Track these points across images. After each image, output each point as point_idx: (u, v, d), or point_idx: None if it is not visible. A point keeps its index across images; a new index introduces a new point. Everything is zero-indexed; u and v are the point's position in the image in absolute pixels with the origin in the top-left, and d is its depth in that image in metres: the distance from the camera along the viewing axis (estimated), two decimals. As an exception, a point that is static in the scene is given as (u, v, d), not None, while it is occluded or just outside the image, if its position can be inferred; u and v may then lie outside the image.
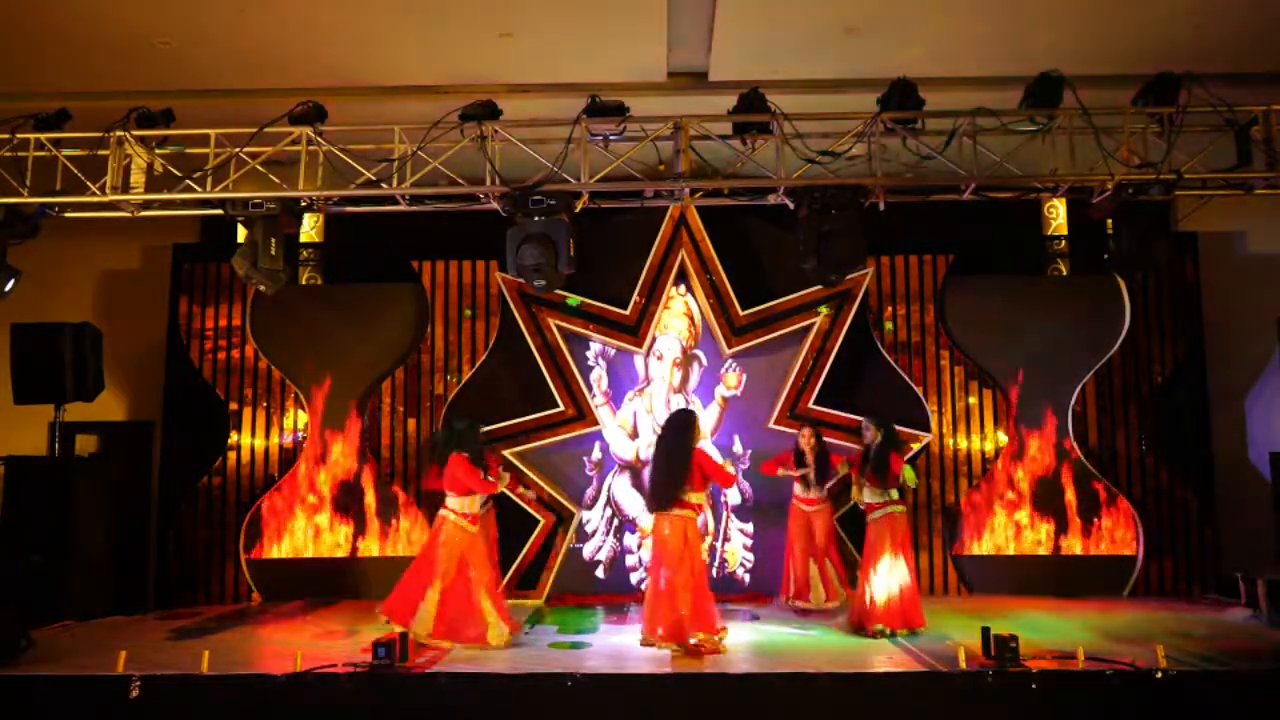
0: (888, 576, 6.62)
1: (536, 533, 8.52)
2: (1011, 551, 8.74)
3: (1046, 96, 6.24)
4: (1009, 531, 8.76)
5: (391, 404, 9.11)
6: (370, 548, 8.83)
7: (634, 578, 8.50)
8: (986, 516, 8.80)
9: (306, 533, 8.82)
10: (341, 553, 8.81)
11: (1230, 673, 5.31)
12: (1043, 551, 8.70)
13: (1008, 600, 8.08)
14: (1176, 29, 6.70)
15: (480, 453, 6.77)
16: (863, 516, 7.02)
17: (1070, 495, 8.74)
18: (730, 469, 8.25)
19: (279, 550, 8.78)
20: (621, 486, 8.68)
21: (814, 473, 7.57)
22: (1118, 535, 8.67)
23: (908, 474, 6.78)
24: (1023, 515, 8.77)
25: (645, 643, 6.05)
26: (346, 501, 8.87)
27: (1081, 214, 7.42)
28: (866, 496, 6.90)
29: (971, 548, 8.77)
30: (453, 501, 6.51)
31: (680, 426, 6.31)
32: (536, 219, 6.36)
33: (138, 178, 6.55)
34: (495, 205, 6.58)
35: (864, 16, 6.63)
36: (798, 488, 7.71)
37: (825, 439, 7.77)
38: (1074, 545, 8.68)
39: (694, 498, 6.17)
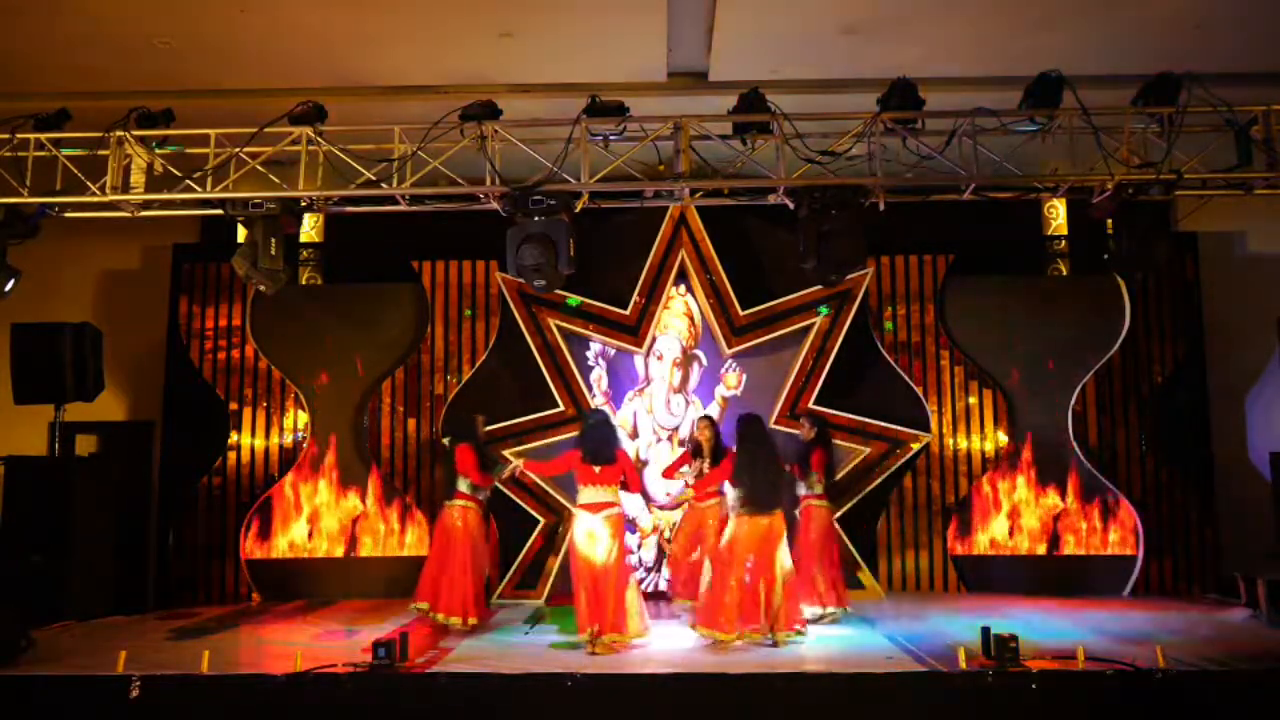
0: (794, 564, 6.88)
1: (536, 533, 8.52)
2: (1011, 551, 8.75)
3: (1046, 96, 6.23)
4: (1008, 531, 8.77)
5: (391, 404, 9.11)
6: (370, 547, 8.84)
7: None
8: (986, 517, 8.81)
9: (307, 532, 8.82)
10: (341, 552, 8.81)
11: (1230, 673, 5.31)
12: (1042, 551, 8.70)
13: (1008, 600, 8.09)
14: (1176, 28, 6.70)
15: None
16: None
17: (1069, 495, 8.74)
18: None
19: (279, 550, 8.79)
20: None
21: (708, 464, 7.47)
22: (1118, 535, 8.67)
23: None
24: (1022, 515, 8.78)
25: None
26: (347, 501, 8.88)
27: (1081, 214, 7.42)
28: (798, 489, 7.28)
29: (971, 547, 8.78)
30: (609, 495, 6.36)
31: (769, 432, 6.73)
32: (536, 219, 6.35)
33: (138, 178, 6.55)
34: (495, 205, 6.58)
35: (864, 16, 6.63)
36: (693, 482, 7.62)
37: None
38: (1074, 545, 8.68)
39: None
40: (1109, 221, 6.71)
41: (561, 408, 8.64)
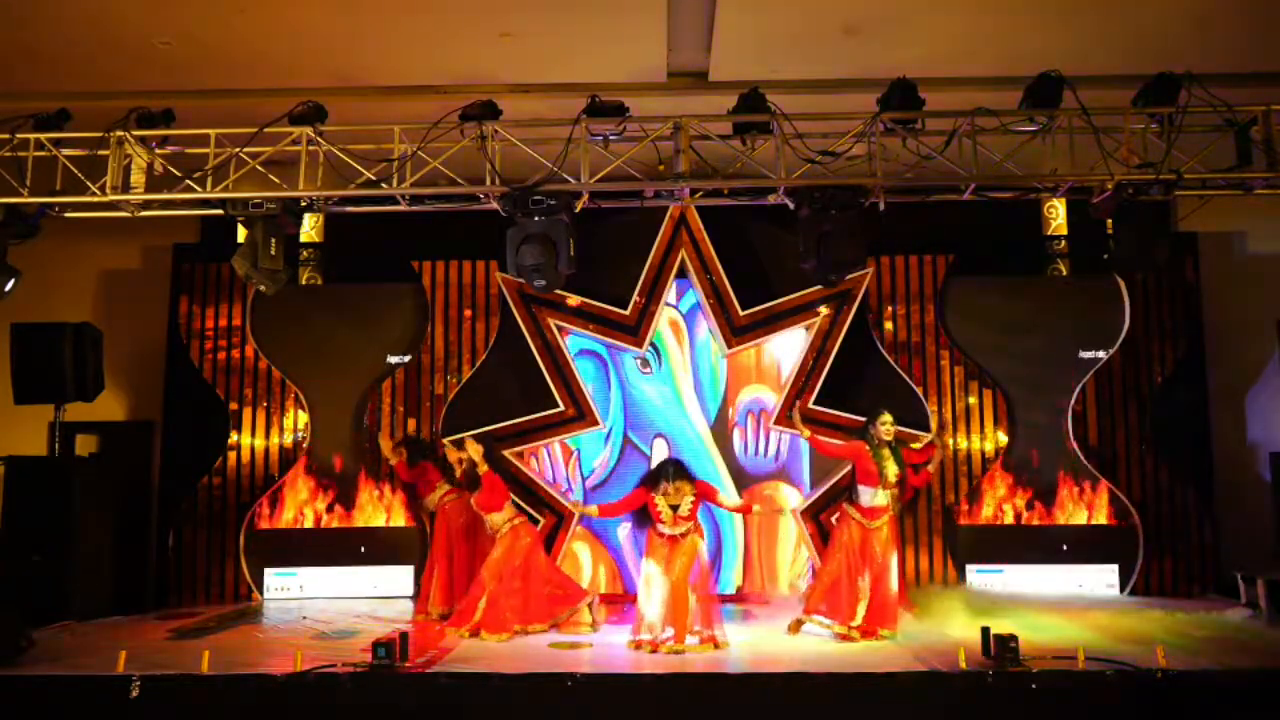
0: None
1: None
2: (1009, 549, 8.74)
3: (1046, 96, 6.24)
4: (1006, 529, 8.76)
5: (391, 404, 9.10)
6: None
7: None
8: (984, 516, 8.81)
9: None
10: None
11: (1230, 673, 5.32)
12: (1041, 553, 8.69)
13: (1008, 600, 8.08)
14: (1176, 29, 6.69)
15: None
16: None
17: (1069, 495, 8.73)
18: None
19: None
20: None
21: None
22: (1117, 534, 8.66)
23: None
24: (1022, 515, 8.78)
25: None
26: (345, 502, 8.88)
27: (1082, 214, 7.42)
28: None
29: (970, 547, 8.77)
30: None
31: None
32: (536, 219, 6.36)
33: (138, 178, 6.56)
34: (495, 205, 6.58)
35: (864, 16, 6.63)
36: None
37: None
38: (1072, 545, 8.68)
39: None
40: (1109, 221, 6.71)
41: (561, 408, 8.64)
